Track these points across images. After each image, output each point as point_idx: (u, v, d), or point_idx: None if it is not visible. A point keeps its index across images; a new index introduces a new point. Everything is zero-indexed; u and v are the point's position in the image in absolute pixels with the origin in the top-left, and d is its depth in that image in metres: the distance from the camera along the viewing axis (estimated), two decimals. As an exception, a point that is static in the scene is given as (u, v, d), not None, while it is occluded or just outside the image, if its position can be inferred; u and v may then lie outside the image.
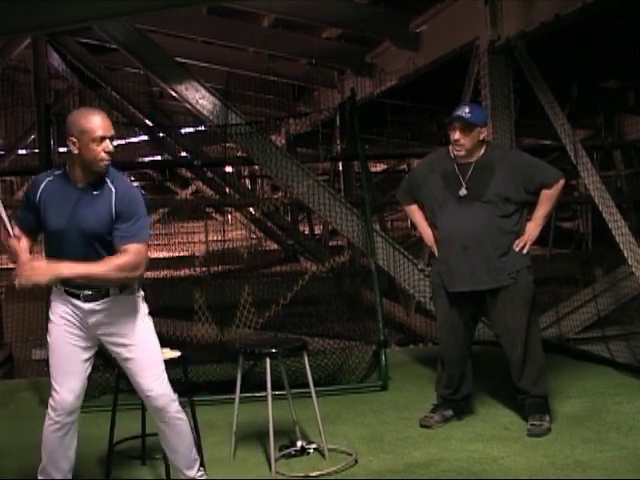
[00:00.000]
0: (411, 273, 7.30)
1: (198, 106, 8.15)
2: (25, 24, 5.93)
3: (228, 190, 12.96)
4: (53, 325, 3.47)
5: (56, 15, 5.83)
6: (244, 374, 4.38)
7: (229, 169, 14.13)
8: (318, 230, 15.12)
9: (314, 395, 4.17)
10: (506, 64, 7.04)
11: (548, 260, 9.11)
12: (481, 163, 4.44)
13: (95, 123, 3.28)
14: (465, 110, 4.41)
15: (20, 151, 12.63)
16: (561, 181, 4.44)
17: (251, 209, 13.01)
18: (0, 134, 13.15)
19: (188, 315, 6.69)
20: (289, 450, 4.24)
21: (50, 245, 3.42)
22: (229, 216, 15.82)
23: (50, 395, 3.46)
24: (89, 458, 4.07)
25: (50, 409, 3.44)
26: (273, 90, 12.08)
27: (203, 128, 10.92)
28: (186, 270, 11.43)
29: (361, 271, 8.55)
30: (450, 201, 4.44)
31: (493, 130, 6.78)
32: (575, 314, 6.98)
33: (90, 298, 3.39)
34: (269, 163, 7.61)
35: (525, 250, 4.44)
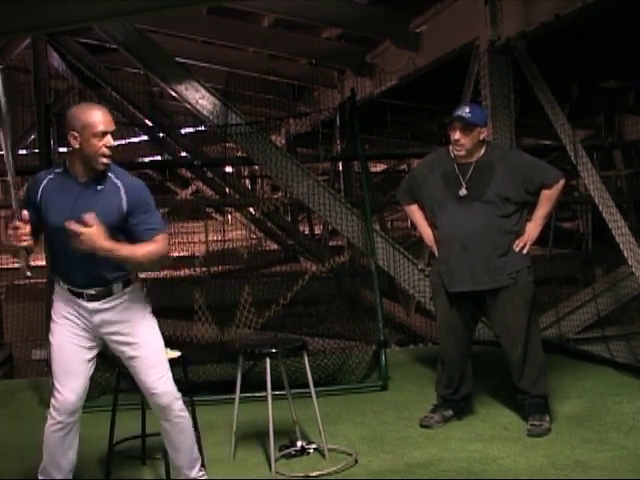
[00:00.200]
0: (411, 273, 7.30)
1: (198, 106, 8.14)
2: (25, 24, 5.92)
3: (228, 190, 12.95)
4: (56, 325, 3.46)
5: (56, 15, 5.82)
6: (244, 374, 4.38)
7: (229, 169, 14.13)
8: (318, 230, 15.12)
9: (314, 395, 4.17)
10: (506, 64, 7.04)
11: (548, 260, 9.12)
12: (481, 163, 4.44)
13: (97, 118, 3.27)
14: (465, 110, 4.42)
15: (20, 151, 12.61)
16: (561, 181, 4.45)
17: (251, 209, 13.00)
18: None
19: (188, 315, 6.68)
20: (289, 450, 4.24)
21: (52, 243, 3.39)
22: (229, 216, 15.81)
23: (52, 395, 3.44)
24: (89, 458, 4.07)
25: (52, 409, 3.43)
26: (273, 90, 12.07)
27: (203, 128, 10.91)
28: (186, 270, 11.42)
29: (361, 271, 8.55)
30: (450, 201, 4.45)
31: (493, 130, 6.78)
32: (575, 314, 6.98)
33: (93, 297, 3.38)
34: (269, 163, 7.60)
35: (525, 250, 4.45)
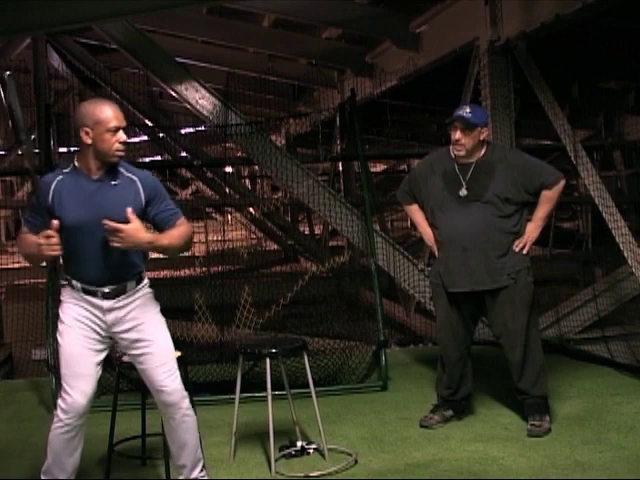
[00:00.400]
0: (411, 273, 7.30)
1: (198, 106, 8.14)
2: (25, 24, 5.93)
3: (228, 190, 12.95)
4: (65, 327, 3.40)
5: (56, 15, 5.83)
6: (244, 374, 4.38)
7: (229, 169, 14.14)
8: (318, 230, 15.13)
9: (314, 395, 4.17)
10: (506, 64, 7.05)
11: (548, 260, 9.12)
12: (481, 163, 4.44)
13: (110, 113, 3.28)
14: (466, 110, 4.41)
15: (20, 151, 12.61)
16: (561, 182, 4.44)
17: (251, 209, 13.01)
18: (0, 134, 13.16)
19: (188, 315, 6.68)
20: (289, 450, 4.24)
21: (68, 242, 3.28)
22: (229, 216, 15.81)
23: (60, 397, 3.40)
24: (89, 458, 4.05)
25: (60, 411, 3.38)
26: (273, 90, 12.06)
27: (203, 128, 10.91)
28: (186, 270, 11.42)
29: (361, 271, 8.53)
30: (450, 201, 4.44)
31: (493, 130, 6.79)
32: (575, 314, 6.98)
33: (108, 295, 3.36)
34: (269, 163, 7.60)
35: (525, 251, 4.45)
